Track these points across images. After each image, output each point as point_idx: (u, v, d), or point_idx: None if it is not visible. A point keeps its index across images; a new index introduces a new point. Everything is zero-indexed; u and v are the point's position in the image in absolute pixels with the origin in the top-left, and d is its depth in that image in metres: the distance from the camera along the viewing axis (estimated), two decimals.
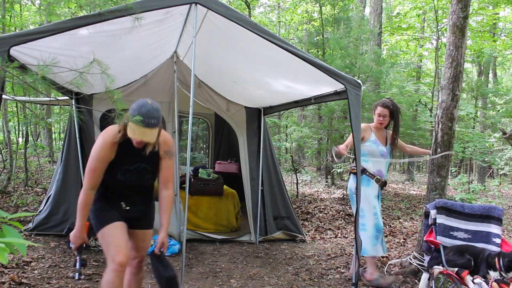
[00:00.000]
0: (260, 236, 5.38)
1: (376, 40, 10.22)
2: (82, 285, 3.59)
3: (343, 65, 8.46)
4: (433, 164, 4.36)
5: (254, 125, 5.55)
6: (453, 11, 4.31)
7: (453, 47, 4.28)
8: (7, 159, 8.12)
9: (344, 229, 6.51)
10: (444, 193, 4.34)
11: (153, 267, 2.73)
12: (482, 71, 15.54)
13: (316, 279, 4.19)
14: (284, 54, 3.30)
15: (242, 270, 4.33)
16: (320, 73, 3.43)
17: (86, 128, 4.96)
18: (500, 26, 14.67)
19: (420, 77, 16.49)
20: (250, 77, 4.60)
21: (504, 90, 14.77)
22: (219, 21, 3.20)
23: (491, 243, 3.32)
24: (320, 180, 12.36)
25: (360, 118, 3.53)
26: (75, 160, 4.95)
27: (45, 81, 1.86)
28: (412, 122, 9.42)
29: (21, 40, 2.60)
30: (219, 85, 5.22)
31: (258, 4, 16.86)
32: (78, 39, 3.02)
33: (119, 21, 2.81)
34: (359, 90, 3.51)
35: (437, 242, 3.32)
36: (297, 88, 4.43)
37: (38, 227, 4.89)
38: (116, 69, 3.82)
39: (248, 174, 5.35)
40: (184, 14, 3.37)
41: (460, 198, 6.95)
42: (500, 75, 20.79)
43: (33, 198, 6.85)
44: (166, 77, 5.06)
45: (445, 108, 4.29)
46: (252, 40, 3.28)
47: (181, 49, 4.67)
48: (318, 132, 10.52)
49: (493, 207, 3.47)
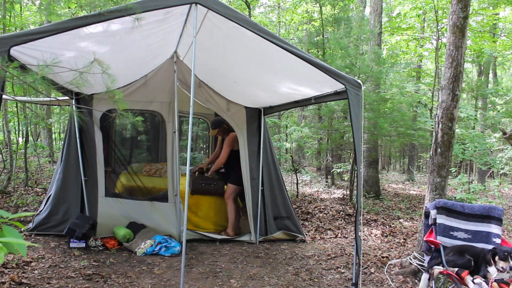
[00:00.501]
0: (260, 236, 5.38)
1: (376, 40, 10.20)
2: (82, 285, 3.59)
3: (343, 65, 8.46)
4: (433, 164, 4.36)
5: (254, 125, 5.55)
6: (453, 11, 4.32)
7: (453, 47, 4.28)
8: (7, 159, 8.12)
9: (344, 229, 6.51)
10: (444, 193, 4.34)
11: None
12: (482, 71, 15.54)
13: (316, 279, 4.19)
14: (284, 54, 3.30)
15: (242, 270, 4.33)
16: (320, 73, 3.43)
17: (86, 128, 4.96)
18: (500, 26, 14.66)
19: (420, 77, 16.50)
20: (250, 77, 4.60)
21: (504, 90, 14.77)
22: (219, 21, 3.20)
23: (491, 243, 3.32)
24: (320, 180, 12.37)
25: (360, 118, 3.53)
26: (75, 160, 4.95)
27: (44, 81, 1.86)
28: (412, 122, 9.41)
29: (21, 40, 2.60)
30: (219, 85, 5.22)
31: (258, 4, 16.85)
32: (79, 39, 3.02)
33: (120, 21, 2.81)
34: (359, 90, 3.51)
35: (437, 242, 3.32)
36: (297, 88, 4.43)
37: (38, 227, 4.89)
38: (117, 69, 3.83)
39: (248, 174, 5.35)
40: (184, 14, 3.37)
41: (459, 198, 6.95)
42: (500, 75, 20.79)
43: (33, 198, 6.86)
44: (166, 77, 5.06)
45: (445, 108, 4.29)
46: (252, 40, 3.28)
47: (181, 49, 4.67)
48: (318, 132, 10.52)
49: (493, 207, 3.47)
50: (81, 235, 4.49)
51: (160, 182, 5.60)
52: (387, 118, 8.46)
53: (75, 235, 4.49)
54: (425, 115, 10.13)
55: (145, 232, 4.88)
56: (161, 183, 5.49)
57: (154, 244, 4.64)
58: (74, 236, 4.49)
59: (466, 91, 13.39)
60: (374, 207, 8.51)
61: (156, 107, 5.25)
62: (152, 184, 5.55)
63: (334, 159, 11.94)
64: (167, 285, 3.76)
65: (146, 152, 7.48)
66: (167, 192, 5.15)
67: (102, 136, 4.99)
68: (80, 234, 4.48)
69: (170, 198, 5.12)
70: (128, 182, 5.46)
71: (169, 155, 5.21)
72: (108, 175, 5.25)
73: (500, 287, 2.79)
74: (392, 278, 4.27)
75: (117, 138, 6.34)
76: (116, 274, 3.91)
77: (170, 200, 5.12)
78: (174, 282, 3.83)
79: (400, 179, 16.65)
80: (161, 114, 5.30)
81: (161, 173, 6.09)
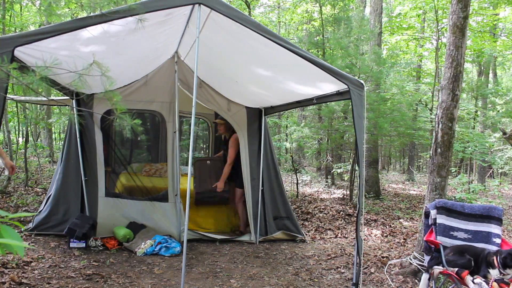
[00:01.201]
0: (260, 236, 5.38)
1: (376, 40, 10.19)
2: (82, 285, 3.59)
3: (343, 65, 8.45)
4: (433, 164, 4.36)
5: (255, 125, 5.55)
6: (453, 11, 4.31)
7: (453, 47, 4.28)
8: None
9: (344, 229, 6.51)
10: (444, 193, 4.33)
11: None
12: (482, 71, 15.54)
13: (316, 279, 4.19)
14: (286, 54, 3.29)
15: (242, 270, 4.33)
16: (323, 74, 3.42)
17: (87, 128, 4.96)
18: (500, 26, 14.66)
19: (420, 77, 16.50)
20: (252, 77, 4.60)
21: (504, 90, 14.77)
22: (222, 21, 3.20)
23: (491, 243, 3.32)
24: (320, 180, 12.36)
25: (363, 118, 3.52)
26: (75, 160, 4.95)
27: (43, 82, 1.86)
28: (412, 122, 9.41)
29: (25, 41, 2.59)
30: (220, 85, 5.22)
31: (258, 4, 16.85)
32: (82, 40, 3.02)
33: (124, 22, 2.81)
34: (362, 90, 3.51)
35: (437, 242, 3.32)
36: (299, 88, 4.42)
37: (38, 227, 4.89)
38: (118, 69, 3.83)
39: (248, 174, 5.36)
40: (187, 15, 3.37)
41: (459, 197, 6.95)
42: (500, 75, 20.77)
43: (33, 198, 6.86)
44: (166, 77, 5.06)
45: (445, 108, 4.29)
46: (255, 40, 3.27)
47: (182, 49, 4.67)
48: (318, 132, 10.52)
49: (493, 207, 3.47)
50: (81, 235, 4.49)
51: (160, 182, 5.60)
52: (387, 118, 8.46)
53: (75, 235, 4.49)
54: (425, 113, 10.13)
55: (145, 232, 4.88)
56: (161, 183, 5.49)
57: (154, 244, 4.64)
58: (74, 236, 4.49)
59: (466, 91, 13.40)
60: (374, 207, 8.51)
61: (157, 107, 5.25)
62: (152, 184, 5.55)
63: (334, 159, 11.94)
64: (167, 285, 3.76)
65: (146, 152, 7.49)
66: (167, 192, 5.15)
67: (102, 136, 5.00)
68: (80, 234, 4.48)
69: (170, 198, 5.12)
70: (128, 182, 5.46)
71: (170, 155, 5.21)
72: (108, 175, 5.26)
73: (500, 287, 2.79)
74: (392, 278, 4.27)
75: (117, 138, 6.34)
76: (116, 274, 3.91)
77: (170, 200, 5.12)
78: (174, 282, 3.83)
79: (400, 179, 16.64)
80: (162, 114, 5.30)
81: (161, 173, 6.09)
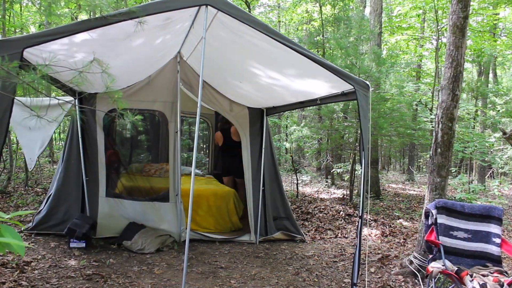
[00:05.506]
0: (260, 236, 5.38)
1: (376, 40, 10.18)
2: (82, 285, 3.59)
3: (343, 65, 8.45)
4: (433, 164, 4.36)
5: (257, 125, 5.55)
6: (453, 11, 4.31)
7: (453, 47, 4.28)
8: (7, 159, 8.12)
9: (344, 229, 6.51)
10: (444, 193, 4.33)
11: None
12: (482, 71, 15.54)
13: (316, 279, 4.19)
14: (290, 55, 3.28)
15: (242, 270, 4.33)
16: (328, 74, 3.40)
17: (89, 128, 4.96)
18: (500, 26, 14.66)
19: (420, 77, 16.50)
20: (256, 77, 4.58)
21: (504, 90, 14.77)
22: (227, 22, 3.20)
23: (491, 243, 3.32)
24: (320, 180, 12.36)
25: (368, 119, 3.52)
26: (76, 160, 4.95)
27: (42, 81, 1.86)
28: (412, 122, 9.41)
29: (34, 42, 2.59)
30: (222, 85, 5.21)
31: (258, 4, 16.84)
32: (88, 41, 3.01)
33: (131, 23, 2.80)
34: (368, 91, 3.52)
35: (438, 242, 3.32)
36: (303, 89, 4.41)
37: (38, 226, 4.88)
38: (123, 70, 3.83)
39: (250, 174, 5.35)
40: (192, 16, 3.36)
41: (459, 197, 6.95)
42: (500, 75, 20.76)
43: (33, 198, 6.85)
44: (169, 77, 5.06)
45: (445, 108, 4.29)
46: (259, 40, 3.27)
47: (185, 49, 4.66)
48: (318, 132, 10.52)
49: (493, 207, 3.47)
50: (81, 235, 4.49)
51: (160, 182, 5.60)
52: (387, 118, 8.46)
53: (75, 235, 4.48)
54: (425, 115, 10.14)
55: (145, 232, 4.87)
56: (162, 183, 5.48)
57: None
58: (74, 236, 4.49)
59: (466, 91, 13.40)
60: (374, 207, 8.51)
61: (159, 106, 5.24)
62: (152, 184, 5.55)
63: (334, 159, 11.94)
64: (167, 285, 3.76)
65: (146, 152, 7.48)
66: (168, 192, 5.15)
67: (104, 136, 5.00)
68: (80, 234, 4.48)
69: (171, 198, 5.12)
70: (129, 182, 5.46)
71: (171, 155, 5.21)
72: (110, 175, 5.25)
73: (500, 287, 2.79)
74: (392, 278, 4.27)
75: (118, 138, 6.34)
76: (116, 274, 3.91)
77: (171, 200, 5.11)
78: (174, 282, 3.83)
79: (400, 179, 16.64)
80: (164, 114, 5.30)
81: (161, 173, 6.09)
